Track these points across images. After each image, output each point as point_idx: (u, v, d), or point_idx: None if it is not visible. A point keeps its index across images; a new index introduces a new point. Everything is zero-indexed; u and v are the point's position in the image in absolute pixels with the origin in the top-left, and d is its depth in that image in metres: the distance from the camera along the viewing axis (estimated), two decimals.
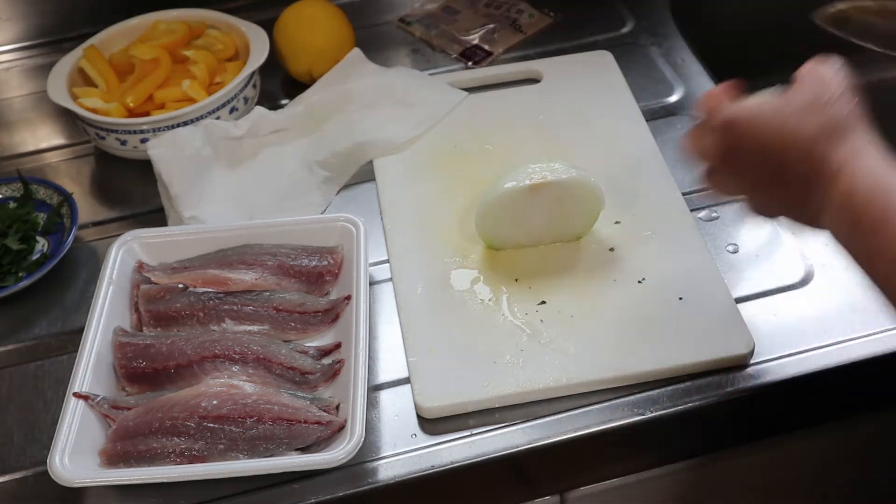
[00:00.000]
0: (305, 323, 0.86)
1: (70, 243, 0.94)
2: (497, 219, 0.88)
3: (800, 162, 0.68)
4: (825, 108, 0.69)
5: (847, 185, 0.66)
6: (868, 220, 0.64)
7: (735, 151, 0.72)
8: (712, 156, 0.74)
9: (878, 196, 0.65)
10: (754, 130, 0.70)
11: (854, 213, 0.66)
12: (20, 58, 1.27)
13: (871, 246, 0.65)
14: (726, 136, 0.72)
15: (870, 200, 0.65)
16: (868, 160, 0.67)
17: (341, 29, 1.14)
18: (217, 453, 0.76)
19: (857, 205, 0.65)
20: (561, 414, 0.79)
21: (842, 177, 0.67)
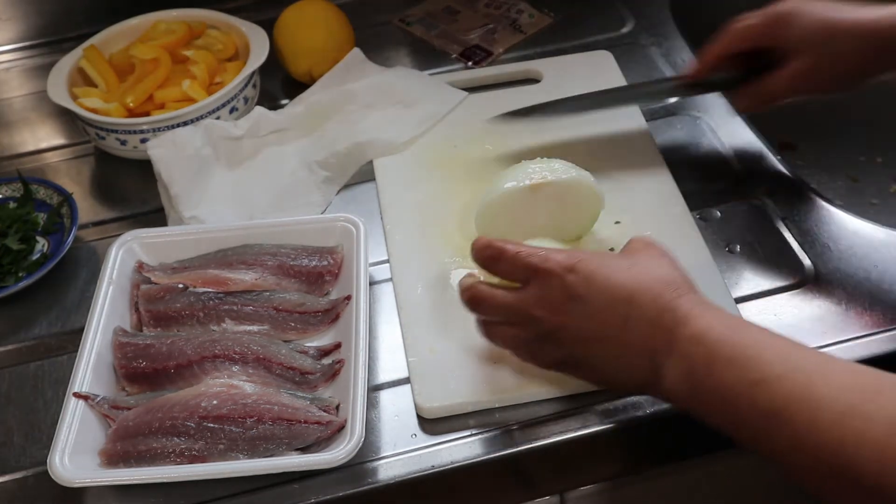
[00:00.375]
0: (305, 323, 0.86)
1: (70, 243, 0.94)
2: (497, 218, 0.88)
3: (649, 304, 0.67)
4: (667, 265, 0.70)
5: (698, 328, 0.65)
6: (723, 354, 0.63)
7: (575, 299, 0.69)
8: (537, 310, 0.71)
9: (731, 331, 0.65)
10: (603, 274, 0.68)
11: (707, 349, 0.64)
12: (20, 58, 1.27)
13: (726, 378, 0.63)
14: (566, 282, 0.69)
15: (723, 336, 0.64)
16: (714, 309, 0.67)
17: (341, 29, 1.14)
18: (217, 453, 0.76)
19: (710, 341, 0.64)
20: (561, 414, 0.78)
21: (691, 321, 0.66)
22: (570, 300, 0.69)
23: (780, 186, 0.97)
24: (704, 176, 0.98)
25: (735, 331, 0.65)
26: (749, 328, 0.66)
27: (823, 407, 0.58)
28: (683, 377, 0.66)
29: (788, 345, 0.64)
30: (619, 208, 0.93)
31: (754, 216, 0.94)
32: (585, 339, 0.70)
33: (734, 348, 0.64)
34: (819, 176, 1.23)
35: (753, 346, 0.64)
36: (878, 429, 0.56)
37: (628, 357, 0.69)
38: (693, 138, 1.02)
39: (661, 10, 1.22)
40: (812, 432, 0.58)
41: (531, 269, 0.71)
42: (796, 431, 0.59)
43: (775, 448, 0.61)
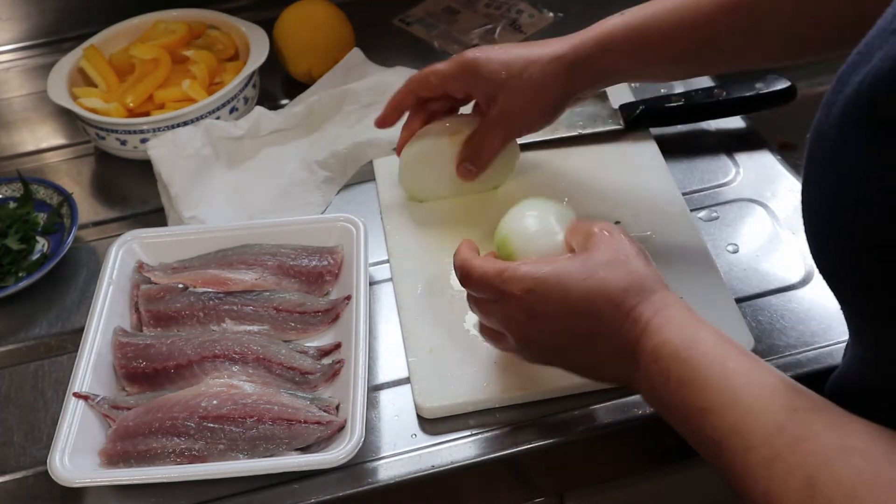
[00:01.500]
0: (305, 323, 0.86)
1: (70, 243, 0.94)
2: (418, 172, 0.94)
3: (611, 315, 0.67)
4: (627, 264, 0.68)
5: (655, 342, 0.65)
6: (675, 374, 0.63)
7: (538, 318, 0.69)
8: (508, 327, 0.71)
9: (684, 349, 0.64)
10: (561, 291, 0.67)
11: (663, 367, 0.64)
12: (20, 58, 1.27)
13: (680, 399, 0.63)
14: (527, 303, 0.68)
15: (677, 353, 0.64)
16: (671, 315, 0.66)
17: (341, 29, 1.14)
18: (217, 453, 0.76)
19: (665, 358, 0.64)
20: (561, 414, 0.78)
21: (650, 334, 0.65)
22: (533, 319, 0.69)
23: (780, 186, 0.97)
24: (704, 176, 0.98)
25: (688, 347, 0.64)
26: (700, 343, 0.64)
27: (753, 448, 0.58)
28: (648, 391, 0.66)
29: (735, 367, 0.62)
30: (619, 208, 0.93)
31: (754, 216, 0.94)
32: (557, 350, 0.71)
33: (686, 369, 0.63)
34: None
35: (703, 367, 0.62)
36: (794, 483, 0.55)
37: (604, 366, 0.69)
38: (693, 138, 1.02)
39: None
40: (743, 471, 0.58)
41: (495, 290, 0.70)
42: (733, 465, 0.59)
43: (723, 474, 0.61)
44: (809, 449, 0.56)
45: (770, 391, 0.60)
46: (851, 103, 0.52)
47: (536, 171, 0.99)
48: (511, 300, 0.69)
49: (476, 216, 0.95)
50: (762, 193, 0.96)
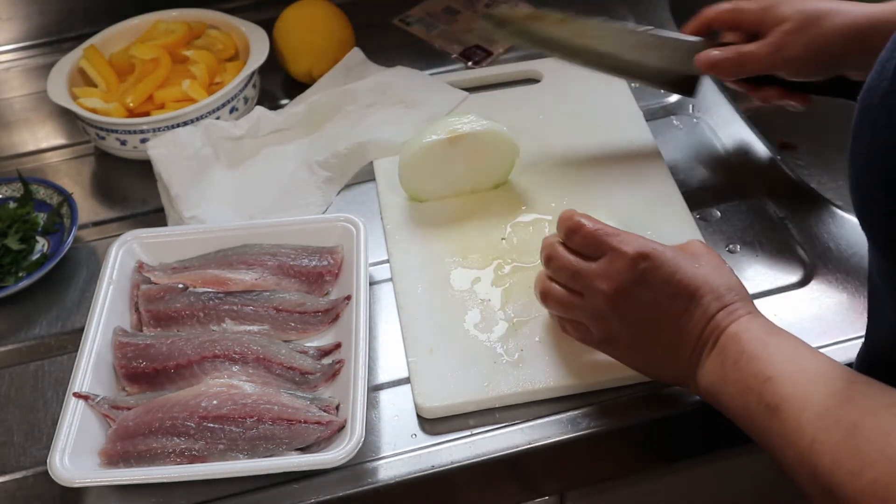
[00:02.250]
0: (305, 323, 0.86)
1: (70, 243, 0.94)
2: (419, 171, 0.94)
3: (709, 302, 0.71)
4: (731, 273, 0.74)
5: (740, 328, 0.70)
6: (749, 352, 0.68)
7: (640, 284, 0.72)
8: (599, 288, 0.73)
9: (767, 334, 0.69)
10: (672, 266, 0.72)
11: (740, 345, 0.68)
12: (20, 58, 1.27)
13: (747, 371, 0.67)
14: (635, 266, 0.72)
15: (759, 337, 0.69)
16: (762, 317, 0.72)
17: (341, 29, 1.14)
18: (217, 453, 0.76)
19: (745, 339, 0.69)
20: (561, 414, 0.79)
21: (742, 321, 0.70)
22: (636, 284, 0.72)
23: (780, 186, 0.97)
24: (704, 176, 0.98)
25: (769, 333, 0.69)
26: (782, 333, 0.70)
27: (809, 407, 0.63)
28: (716, 368, 0.70)
29: (806, 350, 0.68)
30: (619, 208, 0.93)
31: (754, 216, 0.94)
32: (640, 322, 0.73)
33: (762, 346, 0.68)
34: (819, 176, 1.23)
35: (776, 345, 0.68)
36: (839, 432, 0.60)
37: (676, 347, 0.72)
38: (693, 138, 1.02)
39: (661, 10, 1.22)
40: (795, 428, 0.63)
41: (606, 246, 0.73)
42: (785, 426, 0.64)
43: (770, 440, 0.65)
44: (860, 404, 0.61)
45: (833, 367, 0.65)
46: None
47: (536, 171, 0.99)
48: (620, 259, 0.72)
49: (476, 216, 0.95)
50: (762, 194, 0.96)
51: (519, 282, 0.87)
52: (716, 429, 0.83)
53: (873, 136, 0.57)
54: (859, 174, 0.59)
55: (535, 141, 1.02)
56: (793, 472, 0.64)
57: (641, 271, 0.72)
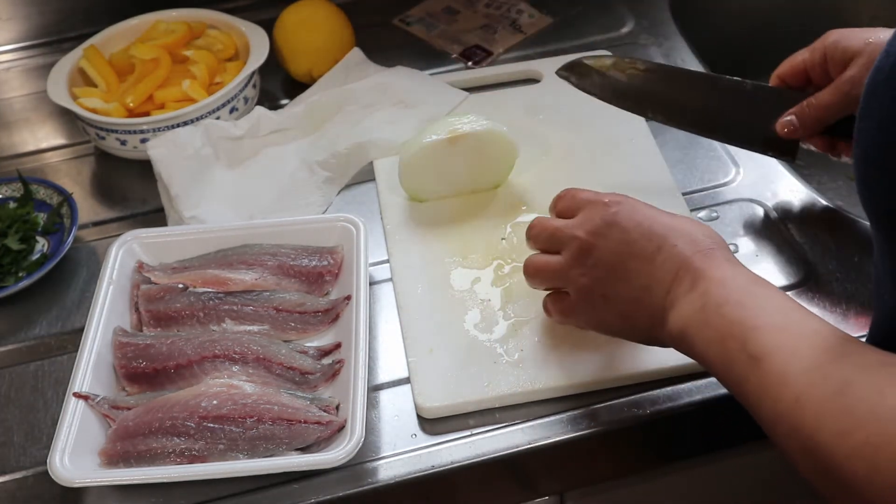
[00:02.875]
0: (305, 323, 0.86)
1: (70, 243, 0.94)
2: (420, 171, 0.94)
3: (684, 244, 0.70)
4: (706, 226, 0.73)
5: (725, 274, 0.68)
6: (736, 298, 0.66)
7: (615, 225, 0.73)
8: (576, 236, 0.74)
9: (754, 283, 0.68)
10: (648, 211, 0.73)
11: (725, 291, 0.67)
12: (20, 58, 1.27)
13: (731, 317, 0.65)
14: (612, 208, 0.73)
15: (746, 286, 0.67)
16: (743, 266, 0.70)
17: (341, 29, 1.14)
18: (217, 453, 0.76)
19: (731, 286, 0.67)
20: (561, 414, 0.79)
21: (722, 268, 0.69)
22: (610, 225, 0.73)
23: (780, 186, 0.97)
24: (704, 176, 0.98)
25: (756, 283, 0.68)
26: (771, 287, 0.68)
27: (796, 361, 0.60)
28: (693, 312, 0.68)
29: (796, 306, 0.65)
30: None
31: (754, 216, 0.94)
32: (614, 264, 0.73)
33: (749, 296, 0.66)
34: (819, 176, 1.23)
35: (764, 296, 0.66)
36: (827, 388, 0.57)
37: (650, 288, 0.71)
38: (693, 138, 1.02)
39: (661, 10, 1.22)
40: (778, 382, 0.60)
41: (584, 201, 0.76)
42: (766, 379, 0.61)
43: (749, 392, 0.63)
44: (852, 361, 0.58)
45: (824, 324, 0.63)
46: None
47: (536, 171, 0.99)
48: (595, 207, 0.75)
49: (476, 216, 0.95)
50: (762, 193, 0.96)
51: (519, 282, 0.87)
52: (716, 429, 0.83)
53: (880, 113, 0.56)
54: (866, 152, 0.58)
55: (535, 141, 1.02)
56: (770, 426, 0.61)
57: (614, 213, 0.73)
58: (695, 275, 0.69)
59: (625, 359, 0.80)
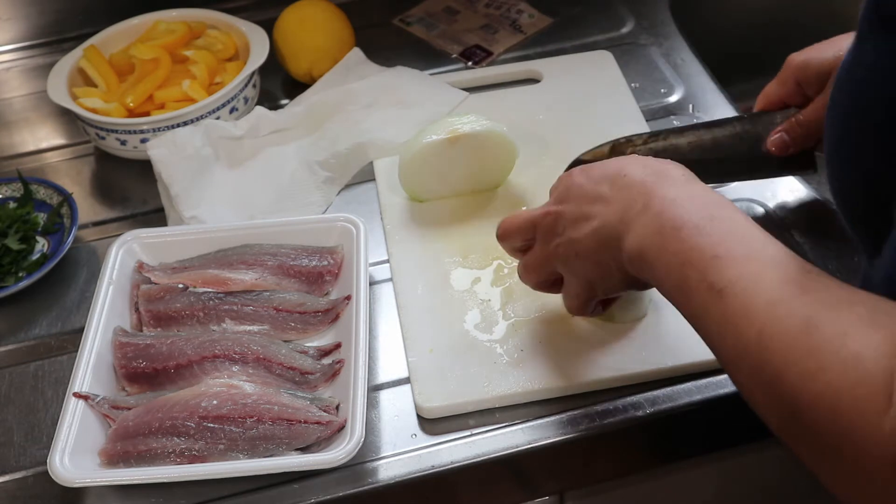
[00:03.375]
0: (305, 323, 0.86)
1: (70, 243, 0.94)
2: (420, 171, 0.94)
3: (638, 172, 0.70)
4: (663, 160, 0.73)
5: (681, 194, 0.67)
6: (694, 223, 0.64)
7: (572, 188, 0.74)
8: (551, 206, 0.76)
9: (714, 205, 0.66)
10: (602, 162, 0.75)
11: (682, 212, 0.65)
12: (20, 58, 1.27)
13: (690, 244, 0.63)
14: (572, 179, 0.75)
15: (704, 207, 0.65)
16: (701, 185, 0.69)
17: (341, 29, 1.14)
18: (217, 453, 0.76)
19: (688, 207, 0.65)
20: (561, 414, 0.79)
21: (677, 186, 0.68)
22: (570, 188, 0.75)
23: (780, 186, 0.96)
24: None
25: (714, 205, 0.65)
26: (729, 207, 0.65)
27: (760, 293, 0.58)
28: (650, 235, 0.66)
29: (759, 233, 0.63)
30: None
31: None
32: (577, 218, 0.73)
33: (708, 220, 0.64)
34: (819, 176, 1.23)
35: (726, 222, 0.63)
36: (794, 322, 0.55)
37: (609, 225, 0.70)
38: None
39: (661, 10, 1.22)
40: (741, 314, 0.58)
41: (562, 180, 0.77)
42: (728, 310, 0.59)
43: (708, 323, 0.61)
44: (817, 297, 0.56)
45: (786, 253, 0.61)
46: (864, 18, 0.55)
47: (536, 171, 0.99)
48: (569, 176, 0.76)
49: (476, 216, 0.95)
50: (762, 193, 0.96)
51: (519, 282, 0.87)
52: (716, 429, 0.83)
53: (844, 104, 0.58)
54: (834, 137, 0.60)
55: (535, 141, 1.02)
56: (732, 363, 0.59)
57: (576, 177, 0.75)
58: (648, 196, 0.67)
59: (624, 359, 0.80)
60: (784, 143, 0.88)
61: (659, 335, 0.82)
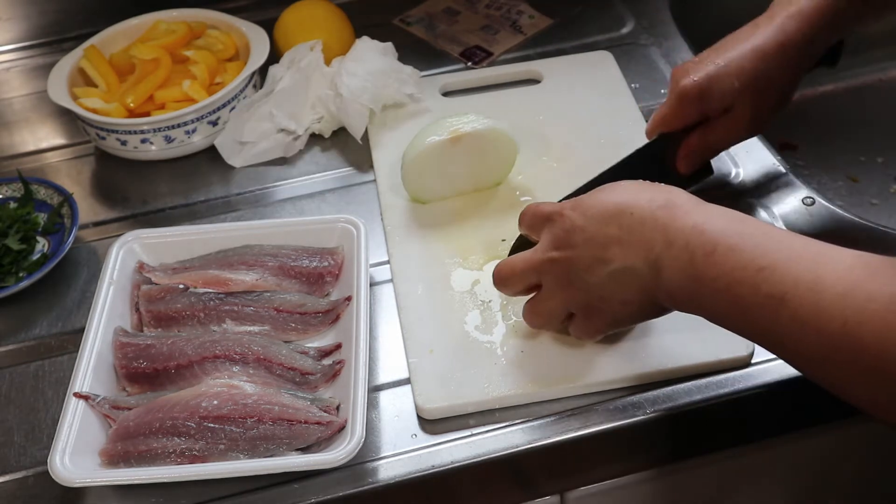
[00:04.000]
0: (306, 323, 0.86)
1: (70, 243, 0.94)
2: (422, 172, 0.94)
3: (643, 208, 0.68)
4: (660, 185, 0.71)
5: (697, 219, 0.66)
6: (724, 243, 0.64)
7: (585, 220, 0.71)
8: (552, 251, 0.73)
9: (736, 221, 0.66)
10: (594, 199, 0.72)
11: (708, 238, 0.65)
12: (20, 58, 1.27)
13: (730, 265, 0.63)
14: (576, 211, 0.72)
15: (727, 226, 0.65)
16: (710, 205, 0.68)
17: (341, 29, 1.14)
18: (217, 453, 0.76)
19: (711, 231, 0.65)
20: (561, 414, 0.79)
21: (690, 213, 0.67)
22: (572, 232, 0.72)
23: (780, 186, 0.97)
24: None
25: (736, 222, 0.66)
26: (749, 220, 0.66)
27: (826, 288, 0.58)
28: (684, 268, 0.66)
29: (790, 234, 0.64)
30: None
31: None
32: (591, 265, 0.71)
33: (737, 237, 0.64)
34: (819, 176, 1.23)
35: (756, 234, 0.64)
36: (878, 305, 0.56)
37: (630, 267, 0.69)
38: None
39: (661, 10, 1.22)
40: (815, 313, 0.58)
41: (544, 216, 0.75)
42: (799, 313, 0.59)
43: (780, 332, 0.61)
44: (888, 274, 0.57)
45: (829, 246, 0.61)
46: None
47: (536, 172, 0.99)
48: (556, 220, 0.73)
49: (477, 217, 0.95)
50: (762, 193, 0.96)
51: None
52: (716, 429, 0.83)
53: None
54: None
55: (536, 141, 1.02)
56: (818, 361, 0.60)
57: (571, 219, 0.72)
58: (665, 230, 0.67)
59: (624, 359, 0.80)
60: (694, 162, 0.89)
61: (659, 336, 0.82)
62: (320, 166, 1.05)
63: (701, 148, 0.88)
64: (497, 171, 0.97)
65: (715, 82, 0.83)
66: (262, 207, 1.01)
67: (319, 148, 1.07)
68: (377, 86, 1.05)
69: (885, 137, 1.27)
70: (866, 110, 1.29)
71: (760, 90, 0.84)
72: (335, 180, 1.03)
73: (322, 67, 1.08)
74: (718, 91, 0.84)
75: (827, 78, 1.31)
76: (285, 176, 1.04)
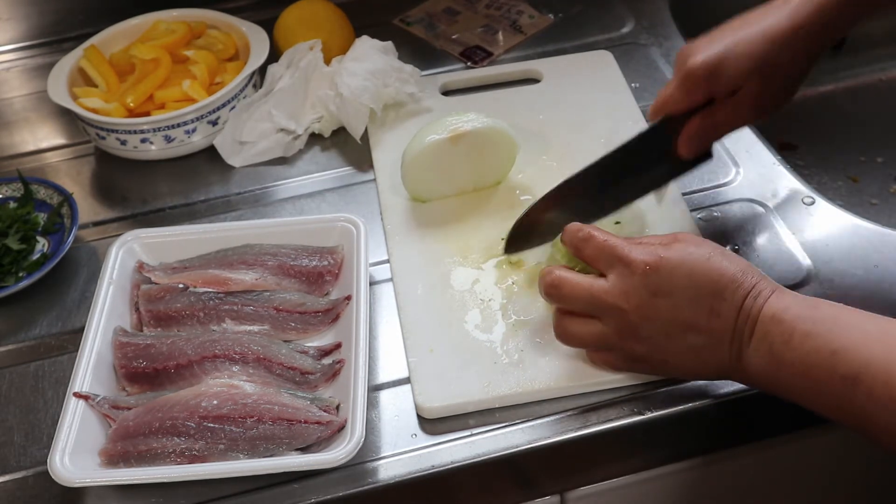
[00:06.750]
0: (306, 323, 0.86)
1: (70, 243, 0.94)
2: (422, 171, 0.94)
3: (733, 291, 0.71)
4: (734, 256, 0.73)
5: (777, 308, 0.69)
6: (800, 329, 0.67)
7: (661, 295, 0.72)
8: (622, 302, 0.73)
9: (809, 307, 0.69)
10: (686, 269, 0.72)
11: (785, 326, 0.68)
12: (20, 58, 1.27)
13: (805, 349, 0.67)
14: (651, 279, 0.72)
15: (802, 312, 0.69)
16: (788, 292, 0.71)
17: (341, 29, 1.14)
18: (217, 453, 0.76)
19: (788, 319, 0.68)
20: (561, 414, 0.79)
21: (771, 303, 0.70)
22: (656, 296, 0.72)
23: (780, 186, 0.97)
24: (704, 176, 0.98)
25: (811, 308, 0.69)
26: (824, 305, 0.69)
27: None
28: (765, 356, 0.69)
29: (863, 316, 0.67)
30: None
31: (754, 217, 0.94)
32: (671, 333, 0.73)
33: (811, 323, 0.67)
34: (819, 176, 1.23)
35: (830, 319, 0.67)
36: None
37: (713, 347, 0.72)
38: None
39: (661, 10, 1.22)
40: (889, 389, 0.62)
41: (616, 257, 0.73)
42: (874, 391, 0.62)
43: (855, 411, 0.64)
44: None
45: (889, 321, 0.65)
46: None
47: (537, 172, 0.99)
48: (633, 274, 0.72)
49: (476, 216, 0.95)
50: (762, 193, 0.96)
51: (519, 282, 0.87)
52: (716, 429, 0.83)
53: None
54: None
55: (535, 140, 1.02)
56: (887, 433, 0.63)
57: (657, 284, 0.72)
58: (753, 322, 0.70)
59: None
60: (697, 146, 0.87)
61: None
62: (320, 166, 1.05)
63: (704, 131, 0.86)
64: (497, 170, 0.97)
65: (723, 63, 0.81)
66: (262, 207, 1.01)
67: (319, 147, 1.08)
68: (377, 85, 1.05)
69: (885, 137, 1.27)
70: (866, 110, 1.29)
71: (769, 74, 0.82)
72: (335, 180, 1.03)
73: (322, 67, 1.08)
74: (726, 72, 0.82)
75: (827, 78, 1.31)
76: (285, 175, 1.05)
